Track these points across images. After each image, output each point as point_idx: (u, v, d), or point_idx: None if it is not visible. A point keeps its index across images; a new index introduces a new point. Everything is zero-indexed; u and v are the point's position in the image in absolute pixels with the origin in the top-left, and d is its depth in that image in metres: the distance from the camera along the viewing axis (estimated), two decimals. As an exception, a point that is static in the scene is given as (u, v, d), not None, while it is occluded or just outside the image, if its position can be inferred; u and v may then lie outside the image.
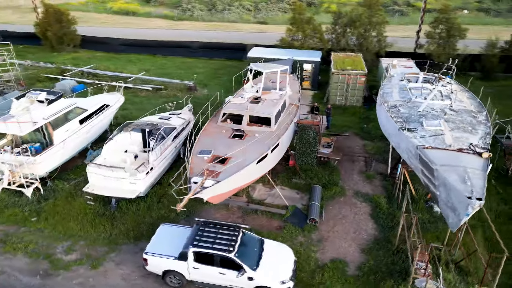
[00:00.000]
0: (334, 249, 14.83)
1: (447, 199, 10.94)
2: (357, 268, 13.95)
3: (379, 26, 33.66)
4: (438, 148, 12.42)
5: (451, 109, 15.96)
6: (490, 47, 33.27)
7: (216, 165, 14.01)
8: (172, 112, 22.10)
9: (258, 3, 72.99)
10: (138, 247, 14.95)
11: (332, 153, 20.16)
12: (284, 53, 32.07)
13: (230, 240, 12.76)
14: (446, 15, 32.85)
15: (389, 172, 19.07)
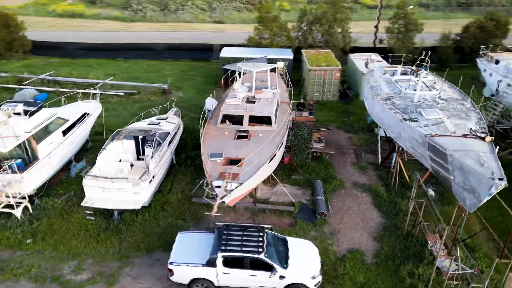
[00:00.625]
0: (348, 240, 15.31)
1: (464, 182, 11.78)
2: (374, 256, 14.53)
3: (343, 22, 34.89)
4: (445, 136, 13.31)
5: (440, 98, 17.11)
6: (444, 40, 35.82)
7: (232, 167, 13.86)
8: (159, 117, 21.41)
9: (211, 2, 72.33)
10: (152, 259, 14.43)
11: (325, 147, 20.70)
12: (256, 51, 32.22)
13: (257, 241, 12.73)
14: (404, 11, 34.82)
15: (380, 162, 19.98)
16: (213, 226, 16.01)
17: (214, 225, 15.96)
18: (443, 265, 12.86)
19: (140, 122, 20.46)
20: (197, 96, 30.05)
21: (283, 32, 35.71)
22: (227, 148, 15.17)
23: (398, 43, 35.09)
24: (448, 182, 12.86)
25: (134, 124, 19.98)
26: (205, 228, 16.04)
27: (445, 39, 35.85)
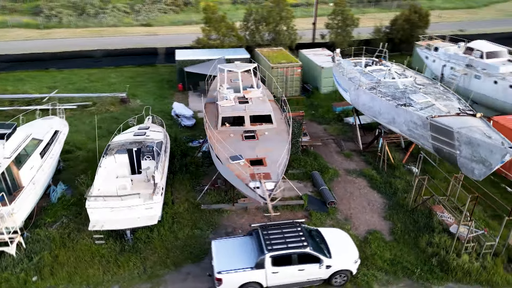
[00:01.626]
0: (363, 223, 16.32)
1: (473, 154, 13.40)
2: (390, 233, 15.72)
3: (288, 20, 36.20)
4: (443, 116, 14.93)
5: (417, 83, 18.99)
6: (377, 32, 39.21)
7: (259, 167, 13.88)
8: (140, 126, 20.22)
9: (133, 4, 69.13)
10: (182, 273, 13.86)
11: (311, 140, 21.55)
12: (212, 53, 31.93)
13: (298, 236, 13.00)
14: (341, 8, 37.32)
15: (362, 148, 21.45)
16: (232, 230, 15.96)
17: (233, 230, 15.93)
18: (459, 231, 14.47)
19: (123, 134, 19.13)
20: (158, 103, 28.87)
21: (232, 32, 35.87)
22: (241, 150, 15.06)
23: (339, 37, 37.51)
24: (452, 157, 14.46)
25: (118, 137, 18.64)
26: (224, 233, 15.79)
27: (377, 31, 39.23)
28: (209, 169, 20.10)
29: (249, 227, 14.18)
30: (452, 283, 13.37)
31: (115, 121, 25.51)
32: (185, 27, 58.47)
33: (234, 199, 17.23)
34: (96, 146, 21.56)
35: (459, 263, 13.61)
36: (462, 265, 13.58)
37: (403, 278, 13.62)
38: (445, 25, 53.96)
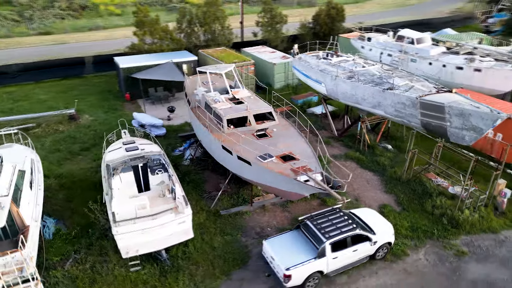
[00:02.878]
0: (371, 200, 17.83)
1: (464, 124, 15.70)
2: (398, 204, 17.51)
3: (222, 20, 36.36)
4: (429, 94, 17.13)
5: (385, 70, 21.21)
6: (303, 28, 41.76)
7: (295, 162, 14.21)
8: (126, 141, 18.60)
9: (21, 11, 61.17)
10: (235, 279, 13.62)
11: (294, 132, 22.42)
12: (156, 57, 30.49)
13: (344, 220, 13.82)
14: (270, 6, 38.82)
15: (338, 133, 23.13)
16: (260, 230, 16.02)
17: (261, 229, 16.02)
18: (455, 191, 16.85)
19: (112, 152, 17.42)
20: (111, 116, 26.64)
21: (167, 35, 34.62)
22: (265, 149, 15.13)
23: (272, 34, 39.01)
24: (442, 129, 16.72)
25: (109, 156, 16.97)
26: (255, 233, 15.78)
27: (303, 27, 41.78)
28: (204, 175, 19.61)
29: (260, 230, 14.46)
30: (464, 236, 15.62)
31: (72, 141, 22.96)
32: (96, 33, 54.16)
33: (251, 199, 17.24)
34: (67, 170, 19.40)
35: (465, 218, 15.95)
36: (467, 219, 15.94)
37: (426, 240, 15.42)
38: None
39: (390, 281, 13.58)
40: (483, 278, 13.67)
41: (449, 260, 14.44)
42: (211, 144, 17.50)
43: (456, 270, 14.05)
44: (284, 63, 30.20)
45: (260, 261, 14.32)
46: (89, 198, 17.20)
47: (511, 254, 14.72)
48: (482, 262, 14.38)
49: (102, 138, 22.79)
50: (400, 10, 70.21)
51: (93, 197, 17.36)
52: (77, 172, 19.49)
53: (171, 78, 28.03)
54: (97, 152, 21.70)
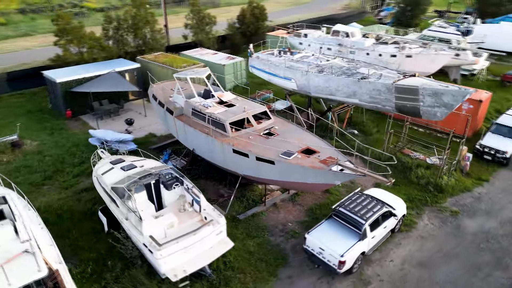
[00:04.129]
0: (365, 181, 19.34)
1: (435, 102, 18.01)
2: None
3: (152, 24, 34.77)
4: (401, 79, 19.23)
5: (347, 61, 22.99)
6: (231, 28, 42.16)
7: (319, 154, 14.76)
8: (115, 159, 16.95)
9: None
10: (284, 278, 13.74)
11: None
12: (95, 68, 27.84)
13: (370, 201, 14.97)
14: (197, 8, 38.30)
15: (310, 124, 24.37)
16: (282, 227, 16.28)
17: (283, 226, 16.30)
18: (434, 161, 19.35)
19: (107, 175, 15.73)
20: (60, 137, 23.72)
21: (95, 43, 31.83)
22: (280, 146, 15.34)
23: (203, 36, 38.60)
24: (415, 108, 18.96)
25: (107, 179, 15.34)
26: (279, 230, 15.99)
27: (231, 27, 42.19)
28: (200, 184, 18.93)
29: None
30: (450, 198, 18.11)
31: (28, 171, 19.94)
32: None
33: (265, 199, 17.32)
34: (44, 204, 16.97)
35: (446, 183, 18.49)
36: (447, 183, 18.50)
37: (423, 207, 17.49)
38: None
39: (414, 248, 15.14)
40: (480, 230, 16.14)
41: (449, 221, 16.66)
42: (215, 150, 17.02)
43: (457, 227, 16.30)
44: (232, 63, 30.34)
45: (298, 255, 14.65)
46: (87, 230, 15.50)
47: (490, 206, 17.59)
48: (473, 217, 16.92)
49: (62, 163, 20.50)
50: (298, 8, 75.02)
51: (89, 228, 15.67)
52: (56, 204, 17.05)
53: (122, 89, 26.10)
54: (64, 179, 19.26)
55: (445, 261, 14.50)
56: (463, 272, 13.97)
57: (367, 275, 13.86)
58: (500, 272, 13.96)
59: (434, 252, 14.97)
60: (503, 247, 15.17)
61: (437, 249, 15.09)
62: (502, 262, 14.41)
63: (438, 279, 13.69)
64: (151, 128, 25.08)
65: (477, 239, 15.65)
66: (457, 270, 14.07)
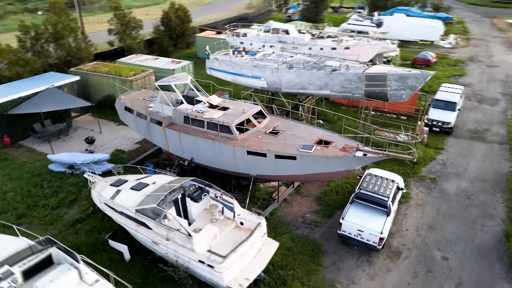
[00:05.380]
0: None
1: (401, 85, 20.25)
2: (369, 162, 21.19)
3: (76, 31, 31.59)
4: (368, 68, 21.09)
5: (308, 56, 24.21)
6: (156, 31, 40.40)
7: (334, 144, 15.53)
8: (116, 182, 15.38)
9: None
10: (330, 265, 14.30)
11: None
12: (26, 85, 24.34)
13: (382, 180, 16.40)
14: (122, 12, 35.83)
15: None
16: (301, 220, 16.81)
17: (301, 219, 16.86)
18: (404, 138, 21.78)
19: (122, 198, 14.25)
20: (7, 170, 20.30)
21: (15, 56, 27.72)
22: (293, 141, 15.74)
23: (130, 41, 36.34)
24: (383, 93, 21.07)
25: (125, 202, 13.94)
26: (300, 223, 16.47)
27: (157, 30, 40.41)
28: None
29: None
30: (423, 168, 20.67)
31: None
32: None
33: (278, 196, 17.52)
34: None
35: (418, 156, 21.04)
36: (419, 156, 21.09)
37: (407, 179, 19.63)
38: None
39: (418, 215, 17.03)
40: (458, 190, 18.83)
41: (432, 187, 19.08)
42: (223, 155, 16.61)
43: (441, 191, 18.79)
44: (181, 67, 29.33)
45: (329, 242, 15.35)
46: (105, 263, 13.98)
47: (455, 169, 20.58)
48: (448, 181, 19.65)
49: (31, 197, 17.99)
50: (204, 9, 74.83)
51: (106, 259, 14.21)
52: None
53: (72, 105, 23.51)
54: (43, 214, 16.78)
55: (447, 222, 16.67)
56: (465, 228, 16.28)
57: (394, 246, 15.21)
58: (490, 222, 16.62)
59: (435, 215, 17.07)
60: (482, 201, 18.03)
61: (436, 213, 17.23)
62: (487, 213, 17.15)
63: (449, 238, 15.72)
64: (114, 144, 23.06)
65: (460, 198, 18.27)
66: (459, 227, 16.32)
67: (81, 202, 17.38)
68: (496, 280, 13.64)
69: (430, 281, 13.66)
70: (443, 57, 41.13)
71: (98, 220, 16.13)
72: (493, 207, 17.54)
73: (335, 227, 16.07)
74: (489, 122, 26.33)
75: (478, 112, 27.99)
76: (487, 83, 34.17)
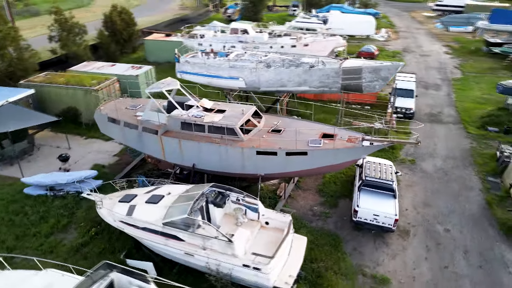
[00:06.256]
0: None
1: (375, 77, 21.63)
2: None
3: (17, 40, 28.64)
4: (342, 63, 22.17)
5: (282, 54, 24.71)
6: (100, 36, 37.98)
7: (339, 136, 16.21)
8: (124, 198, 14.45)
9: None
10: (352, 250, 14.98)
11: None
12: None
13: (380, 166, 17.52)
14: (63, 16, 33.11)
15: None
16: (311, 213, 17.32)
17: (311, 211, 17.40)
18: (379, 126, 23.31)
19: (140, 213, 13.46)
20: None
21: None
22: (299, 137, 16.11)
23: (75, 48, 33.82)
24: (358, 85, 22.32)
25: (147, 217, 13.23)
26: (311, 216, 16.96)
27: (101, 35, 37.97)
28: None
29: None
30: (400, 151, 22.41)
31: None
32: None
33: (285, 193, 17.75)
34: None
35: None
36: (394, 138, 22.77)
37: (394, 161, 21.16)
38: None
39: (412, 195, 18.50)
40: (436, 169, 20.76)
41: (414, 168, 20.80)
42: (230, 158, 16.41)
43: (422, 171, 20.55)
44: (144, 73, 28.07)
45: (344, 230, 16.06)
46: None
47: (426, 150, 22.60)
48: (425, 160, 21.54)
49: (16, 227, 16.25)
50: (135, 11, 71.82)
51: None
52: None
53: (37, 121, 21.47)
54: (37, 243, 15.18)
55: (436, 197, 18.33)
56: (453, 202, 18.05)
57: (402, 226, 16.38)
58: (471, 193, 18.64)
59: (425, 193, 18.67)
60: (458, 175, 20.10)
61: (425, 191, 18.85)
62: (467, 186, 19.20)
63: (444, 212, 17.34)
64: (89, 159, 21.43)
65: (440, 175, 20.17)
66: (448, 201, 18.06)
67: (78, 225, 15.97)
68: (493, 243, 15.42)
69: (442, 252, 15.01)
70: (382, 50, 44.45)
71: (104, 241, 14.99)
72: (469, 180, 19.67)
73: (345, 216, 16.86)
74: (439, 106, 29.24)
75: (427, 97, 30.89)
76: (425, 71, 37.79)
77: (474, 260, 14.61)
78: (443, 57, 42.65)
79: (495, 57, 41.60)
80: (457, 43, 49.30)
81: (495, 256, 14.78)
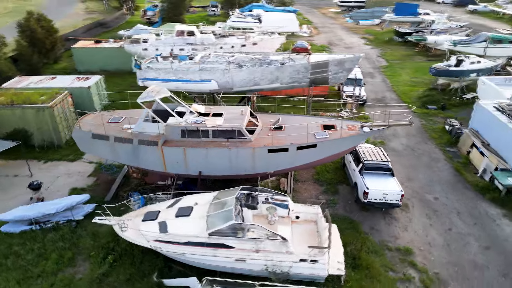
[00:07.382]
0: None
1: (340, 69, 23.13)
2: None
3: None
4: (310, 58, 23.19)
5: (250, 54, 24.85)
6: (19, 46, 33.63)
7: (342, 126, 17.10)
8: (147, 216, 13.47)
9: None
10: (371, 230, 16.06)
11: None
12: None
13: (373, 149, 18.94)
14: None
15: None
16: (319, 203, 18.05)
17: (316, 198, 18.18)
18: (346, 115, 25.00)
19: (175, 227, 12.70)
20: None
21: None
22: (302, 132, 16.65)
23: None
24: (325, 78, 23.71)
25: (183, 230, 12.56)
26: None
27: (20, 46, 33.59)
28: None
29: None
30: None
31: None
32: None
33: (289, 188, 18.10)
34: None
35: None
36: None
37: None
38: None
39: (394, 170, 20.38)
40: (404, 147, 23.09)
41: (386, 149, 22.79)
42: (240, 160, 16.24)
43: (394, 150, 22.70)
44: (95, 84, 25.82)
45: (355, 213, 17.12)
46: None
47: (389, 131, 24.87)
48: (391, 140, 23.79)
49: (14, 271, 14.23)
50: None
51: None
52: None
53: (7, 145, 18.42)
54: (45, 283, 13.29)
55: (415, 171, 20.47)
56: (430, 173, 20.35)
57: (400, 201, 18.02)
58: (440, 163, 21.22)
59: (406, 168, 20.69)
60: (425, 149, 22.67)
61: (404, 167, 20.89)
62: (434, 158, 21.78)
63: (426, 183, 19.48)
64: (61, 184, 19.20)
65: (409, 152, 22.51)
66: (425, 173, 20.31)
67: (88, 255, 14.35)
68: (477, 203, 17.87)
69: (440, 217, 16.94)
70: (311, 44, 47.15)
71: (128, 266, 13.75)
72: (433, 152, 22.34)
73: (349, 200, 17.92)
74: (381, 91, 32.31)
75: (367, 84, 33.82)
76: (355, 61, 41.16)
77: (468, 219, 16.82)
78: (364, 48, 46.89)
79: (407, 45, 47.12)
80: (370, 34, 54.55)
81: (481, 213, 17.19)
